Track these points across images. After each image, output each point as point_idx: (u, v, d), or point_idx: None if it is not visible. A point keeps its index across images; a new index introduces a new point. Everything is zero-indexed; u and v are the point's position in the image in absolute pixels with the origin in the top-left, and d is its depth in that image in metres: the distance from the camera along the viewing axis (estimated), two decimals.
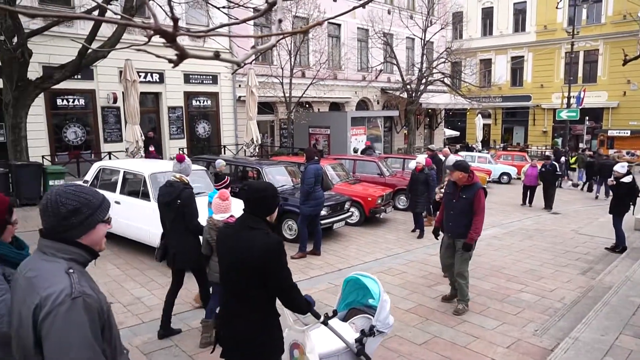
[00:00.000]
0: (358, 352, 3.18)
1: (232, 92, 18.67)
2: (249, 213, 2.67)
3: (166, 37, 0.96)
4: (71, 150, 14.77)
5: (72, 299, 1.58)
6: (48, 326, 1.55)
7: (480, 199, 5.33)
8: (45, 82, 11.27)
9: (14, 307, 1.71)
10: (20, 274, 1.73)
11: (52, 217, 1.71)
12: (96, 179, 7.90)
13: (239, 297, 2.63)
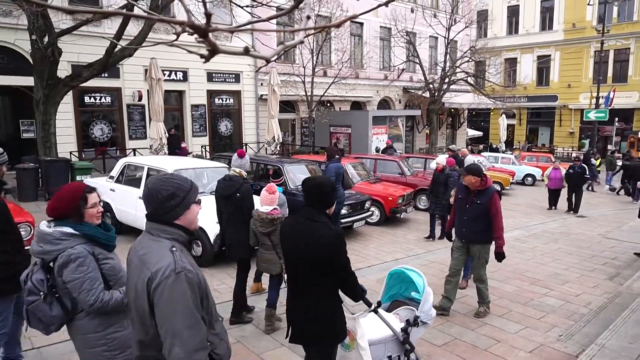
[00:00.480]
0: (404, 341, 3.36)
1: (254, 90, 18.81)
2: (310, 206, 2.89)
3: (199, 33, 0.97)
4: (97, 146, 15.14)
5: (176, 273, 1.88)
6: (158, 296, 1.87)
7: (495, 203, 5.14)
8: (74, 80, 11.56)
9: (131, 280, 2.02)
10: (134, 253, 2.05)
11: (154, 202, 2.02)
12: (121, 174, 8.07)
13: (306, 284, 2.86)
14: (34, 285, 2.46)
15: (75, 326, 2.53)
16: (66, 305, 2.50)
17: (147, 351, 2.00)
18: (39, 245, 2.47)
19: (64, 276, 2.43)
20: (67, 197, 2.50)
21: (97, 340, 2.50)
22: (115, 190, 7.98)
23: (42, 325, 2.53)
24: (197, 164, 8.32)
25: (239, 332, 4.77)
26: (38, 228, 2.52)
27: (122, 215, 7.90)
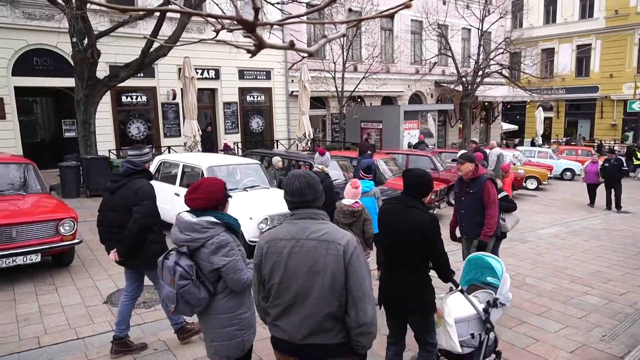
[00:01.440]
0: (485, 320, 3.62)
1: (284, 87, 18.90)
2: (408, 194, 3.24)
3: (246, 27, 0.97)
4: (134, 144, 15.59)
5: (358, 243, 2.27)
6: (353, 263, 2.20)
7: (489, 191, 4.79)
8: (112, 81, 11.94)
9: (307, 261, 2.25)
10: (302, 238, 2.28)
11: (314, 191, 2.34)
12: (157, 172, 8.28)
13: (401, 264, 3.20)
14: (184, 270, 2.66)
15: (214, 307, 2.77)
16: (209, 288, 2.74)
17: (327, 323, 2.23)
18: (186, 233, 2.68)
19: (216, 261, 2.68)
20: (215, 192, 2.78)
21: (230, 320, 2.77)
22: None
23: (189, 307, 2.74)
24: (230, 160, 8.44)
25: None
26: (180, 219, 2.75)
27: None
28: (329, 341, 2.25)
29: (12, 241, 5.48)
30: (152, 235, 3.99)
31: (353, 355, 2.32)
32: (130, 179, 3.98)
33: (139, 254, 3.96)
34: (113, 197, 4.03)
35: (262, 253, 2.37)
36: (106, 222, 4.11)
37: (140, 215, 3.86)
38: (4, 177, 6.64)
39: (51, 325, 4.71)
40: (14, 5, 13.06)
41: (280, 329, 2.34)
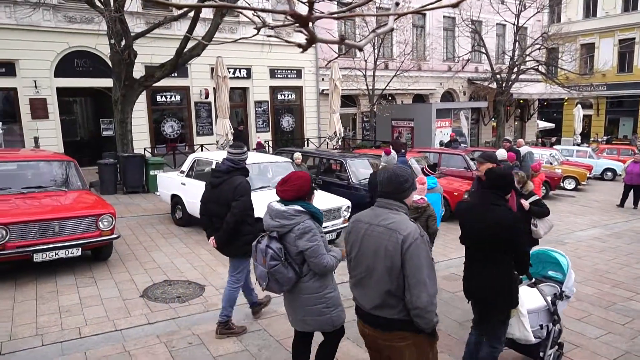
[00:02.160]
0: (553, 312, 3.81)
1: (315, 85, 18.93)
2: (492, 193, 3.39)
3: (300, 21, 0.97)
4: (168, 142, 15.98)
5: (421, 236, 2.47)
6: (410, 253, 2.43)
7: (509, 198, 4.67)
8: (147, 80, 12.26)
9: (372, 245, 2.57)
10: (374, 224, 2.60)
11: (394, 184, 2.60)
12: (191, 169, 8.44)
13: (485, 258, 3.34)
14: (275, 252, 3.05)
15: (301, 287, 3.14)
16: (296, 270, 3.10)
17: (390, 300, 2.53)
18: (276, 220, 3.10)
19: (301, 244, 3.06)
20: (302, 184, 3.15)
21: (318, 299, 3.13)
22: (185, 184, 8.37)
23: (278, 285, 3.12)
24: (262, 158, 8.52)
25: None
26: (271, 207, 3.16)
27: (192, 207, 8.25)
28: (393, 316, 2.55)
29: (55, 235, 5.71)
30: (247, 227, 4.44)
31: (419, 332, 2.55)
32: (231, 176, 4.39)
33: (234, 242, 4.41)
34: (215, 191, 4.46)
35: (348, 230, 2.79)
36: (208, 212, 4.58)
37: (239, 210, 4.32)
38: (47, 174, 6.92)
39: (91, 316, 4.88)
40: (57, 10, 13.59)
41: (355, 298, 2.76)
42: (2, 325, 4.62)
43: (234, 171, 4.40)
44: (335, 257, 3.19)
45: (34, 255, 5.55)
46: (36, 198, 6.18)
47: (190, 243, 7.61)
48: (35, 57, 13.35)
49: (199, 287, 5.75)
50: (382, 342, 2.65)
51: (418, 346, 2.59)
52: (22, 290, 5.50)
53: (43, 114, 13.66)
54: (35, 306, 5.08)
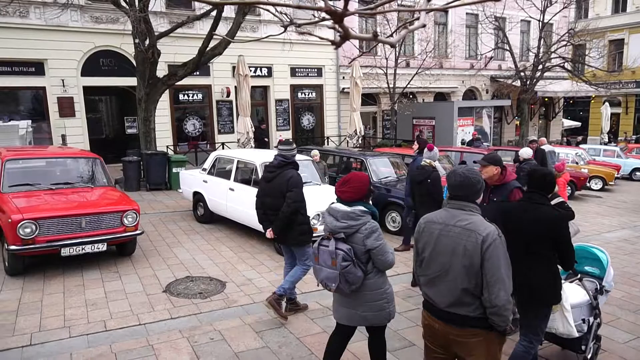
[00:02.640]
0: (595, 306, 3.92)
1: (335, 84, 18.91)
2: (535, 192, 3.47)
3: (334, 17, 0.96)
4: (190, 140, 16.19)
5: (498, 236, 2.56)
6: (490, 252, 2.52)
7: (517, 198, 4.14)
8: (170, 79, 12.44)
9: (449, 245, 2.65)
10: (450, 224, 2.68)
11: (468, 187, 2.69)
12: (213, 167, 8.54)
13: (529, 255, 3.36)
14: (346, 253, 3.14)
15: (366, 285, 3.24)
16: (363, 268, 3.20)
17: (465, 298, 2.62)
18: (342, 221, 3.19)
19: (369, 243, 3.16)
20: (362, 186, 3.26)
21: (380, 295, 3.27)
22: (207, 182, 8.47)
23: (348, 285, 3.19)
24: None
25: (325, 322, 4.83)
26: (335, 209, 3.26)
27: (214, 205, 8.36)
28: (468, 313, 2.62)
29: (81, 230, 5.85)
30: (300, 217, 4.74)
31: (491, 329, 2.62)
32: (283, 170, 4.72)
33: (290, 232, 4.71)
34: (269, 185, 4.80)
35: (420, 230, 2.86)
36: (263, 206, 4.89)
37: (293, 200, 4.63)
38: (74, 171, 7.09)
39: (116, 310, 4.99)
40: (84, 10, 13.90)
41: (427, 295, 2.82)
42: (32, 317, 4.76)
43: (286, 165, 4.74)
44: (394, 253, 3.36)
45: (61, 250, 5.70)
46: (64, 194, 6.34)
47: (212, 240, 7.69)
48: (63, 56, 13.69)
49: (220, 284, 5.81)
50: (452, 338, 2.72)
51: (488, 343, 2.67)
52: (50, 283, 5.65)
53: (70, 112, 14.00)
54: (63, 299, 5.22)
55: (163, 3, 14.93)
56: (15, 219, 5.39)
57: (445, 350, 2.82)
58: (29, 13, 13.26)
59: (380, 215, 8.23)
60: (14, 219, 5.40)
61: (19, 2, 12.67)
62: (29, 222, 5.45)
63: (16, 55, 13.14)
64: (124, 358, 4.04)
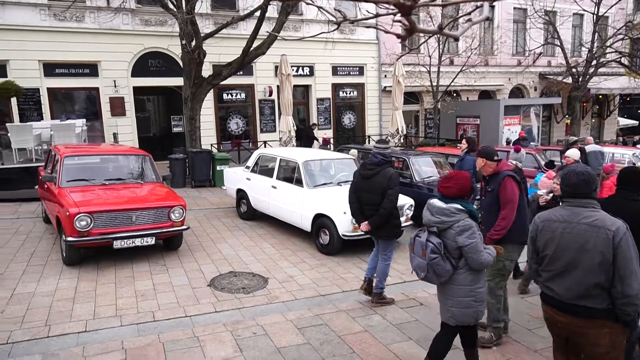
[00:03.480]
0: None
1: (377, 82, 18.77)
2: (626, 189, 3.58)
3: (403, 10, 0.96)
4: (233, 139, 16.54)
5: (627, 230, 2.68)
6: (621, 246, 2.64)
7: (506, 187, 4.14)
8: (215, 79, 12.75)
9: (576, 241, 2.77)
10: (573, 222, 2.81)
11: (589, 186, 2.80)
12: (256, 165, 8.68)
13: None
14: (435, 246, 3.29)
15: (455, 279, 3.38)
16: (453, 263, 3.34)
17: (594, 291, 2.73)
18: (437, 216, 3.35)
19: (460, 240, 3.28)
20: (464, 183, 3.40)
21: (469, 292, 3.38)
22: (250, 179, 8.62)
23: (436, 276, 3.36)
24: (325, 155, 8.57)
25: (366, 321, 4.81)
26: (432, 204, 3.40)
27: (256, 202, 8.50)
28: (595, 305, 2.74)
29: (132, 224, 6.10)
30: (395, 211, 5.09)
31: (616, 321, 2.73)
32: (383, 168, 4.98)
33: (386, 226, 5.02)
34: (368, 182, 5.03)
35: (537, 229, 2.99)
36: (359, 200, 5.14)
37: (394, 197, 4.93)
38: (125, 167, 7.41)
39: (163, 302, 5.17)
40: (134, 14, 14.48)
41: (551, 290, 2.93)
42: (87, 305, 5.02)
43: (385, 164, 5.02)
44: (490, 254, 3.38)
45: (114, 242, 5.98)
46: (116, 189, 6.64)
47: (254, 236, 7.83)
48: (114, 58, 14.32)
49: (263, 280, 5.90)
50: (576, 329, 2.85)
51: (612, 334, 2.77)
52: (103, 273, 5.93)
53: (121, 112, 14.63)
54: (115, 289, 5.47)
55: (208, 5, 15.31)
56: (73, 212, 5.69)
57: (569, 341, 2.95)
58: (84, 17, 13.96)
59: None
60: (71, 212, 5.70)
61: (76, 7, 13.38)
62: (85, 216, 5.74)
63: (73, 57, 13.87)
64: (172, 348, 4.18)
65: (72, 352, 4.06)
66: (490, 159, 4.25)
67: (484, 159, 4.27)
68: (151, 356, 4.04)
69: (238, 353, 4.13)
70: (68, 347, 4.15)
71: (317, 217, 7.00)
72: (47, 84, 13.79)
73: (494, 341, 4.31)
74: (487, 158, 4.26)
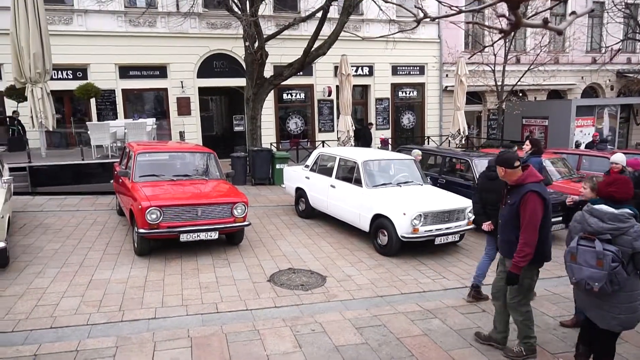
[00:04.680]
0: None
1: (438, 82, 18.35)
2: None
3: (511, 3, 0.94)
4: (292, 138, 16.82)
5: None
6: None
7: (527, 206, 3.70)
8: (276, 79, 13.02)
9: None
10: None
11: None
12: (315, 164, 8.77)
13: None
14: (615, 254, 3.22)
15: (628, 285, 3.29)
16: (626, 269, 3.26)
17: None
18: (610, 223, 3.27)
19: (637, 245, 3.22)
20: (629, 188, 3.47)
21: (636, 297, 3.34)
22: (309, 178, 8.72)
23: (610, 286, 3.26)
24: (384, 155, 8.50)
25: (425, 324, 4.72)
26: (601, 210, 3.34)
27: (315, 201, 8.59)
28: None
29: (197, 219, 6.37)
30: None
31: None
32: None
33: None
34: (492, 183, 5.08)
35: None
36: (482, 200, 5.29)
37: None
38: (191, 164, 7.76)
39: (226, 294, 5.35)
40: (201, 18, 15.13)
41: None
42: (156, 294, 5.30)
43: None
44: None
45: (181, 236, 6.27)
46: (183, 185, 6.96)
47: (313, 235, 7.91)
48: (182, 60, 15.04)
49: (321, 278, 5.95)
50: None
51: None
52: (170, 265, 6.24)
53: (187, 111, 15.35)
54: (181, 280, 5.74)
55: (271, 7, 15.67)
56: (145, 206, 6.04)
57: None
58: (156, 22, 14.78)
59: None
60: (143, 205, 6.05)
61: (149, 13, 14.20)
62: (155, 209, 6.07)
63: (145, 60, 14.73)
64: (234, 339, 4.32)
65: (143, 337, 4.31)
66: (509, 167, 3.83)
67: (503, 168, 3.87)
68: (215, 346, 4.19)
69: (297, 349, 4.20)
70: (139, 332, 4.41)
71: (376, 218, 6.96)
72: (121, 86, 14.75)
73: (524, 356, 4.05)
74: (505, 166, 3.85)
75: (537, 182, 3.81)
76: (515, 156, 3.90)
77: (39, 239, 7.11)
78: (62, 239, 7.18)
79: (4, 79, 13.23)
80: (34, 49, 9.88)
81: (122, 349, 4.08)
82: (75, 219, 8.30)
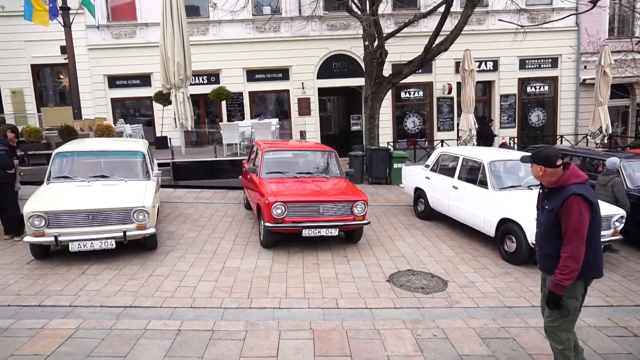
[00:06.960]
0: None
1: (574, 75, 16.54)
2: None
3: None
4: (409, 137, 16.51)
5: None
6: None
7: (571, 212, 3.05)
8: (396, 77, 12.89)
9: None
10: None
11: None
12: (436, 164, 8.48)
13: None
14: None
15: None
16: None
17: None
18: None
19: None
20: None
21: None
22: (430, 178, 8.46)
23: None
24: (512, 155, 7.89)
25: None
26: None
27: (435, 202, 8.31)
28: None
29: (319, 215, 6.57)
30: None
31: None
32: None
33: None
34: None
35: None
36: None
37: None
38: (313, 162, 8.02)
39: (345, 291, 5.43)
40: (322, 20, 15.60)
41: None
42: (280, 285, 5.58)
43: None
44: None
45: (303, 231, 6.52)
46: (305, 182, 7.23)
47: (432, 237, 7.66)
48: (303, 62, 15.67)
49: (442, 282, 5.73)
50: None
51: None
52: (292, 258, 6.53)
53: (307, 111, 15.96)
54: (302, 273, 5.96)
55: (390, 5, 15.54)
56: (271, 201, 6.40)
57: None
58: (280, 27, 15.61)
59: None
60: (270, 200, 6.41)
61: (274, 19, 15.05)
62: (281, 204, 6.39)
63: (269, 64, 15.65)
64: (354, 336, 4.36)
65: (269, 325, 4.56)
66: (550, 165, 3.17)
67: (542, 167, 3.21)
68: (336, 340, 4.27)
69: (418, 353, 4.09)
70: (265, 320, 4.68)
71: (503, 222, 6.49)
72: (248, 88, 15.88)
73: None
74: (546, 165, 3.19)
75: (581, 183, 3.16)
76: (558, 153, 3.21)
77: (180, 227, 7.95)
78: (198, 228, 7.94)
79: (153, 86, 15.10)
80: (178, 58, 11.08)
81: (251, 333, 4.37)
82: (209, 211, 9.13)
